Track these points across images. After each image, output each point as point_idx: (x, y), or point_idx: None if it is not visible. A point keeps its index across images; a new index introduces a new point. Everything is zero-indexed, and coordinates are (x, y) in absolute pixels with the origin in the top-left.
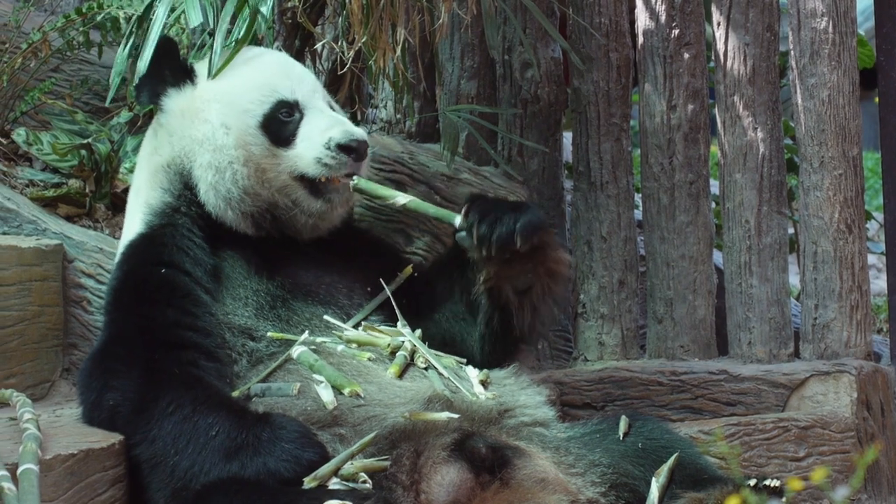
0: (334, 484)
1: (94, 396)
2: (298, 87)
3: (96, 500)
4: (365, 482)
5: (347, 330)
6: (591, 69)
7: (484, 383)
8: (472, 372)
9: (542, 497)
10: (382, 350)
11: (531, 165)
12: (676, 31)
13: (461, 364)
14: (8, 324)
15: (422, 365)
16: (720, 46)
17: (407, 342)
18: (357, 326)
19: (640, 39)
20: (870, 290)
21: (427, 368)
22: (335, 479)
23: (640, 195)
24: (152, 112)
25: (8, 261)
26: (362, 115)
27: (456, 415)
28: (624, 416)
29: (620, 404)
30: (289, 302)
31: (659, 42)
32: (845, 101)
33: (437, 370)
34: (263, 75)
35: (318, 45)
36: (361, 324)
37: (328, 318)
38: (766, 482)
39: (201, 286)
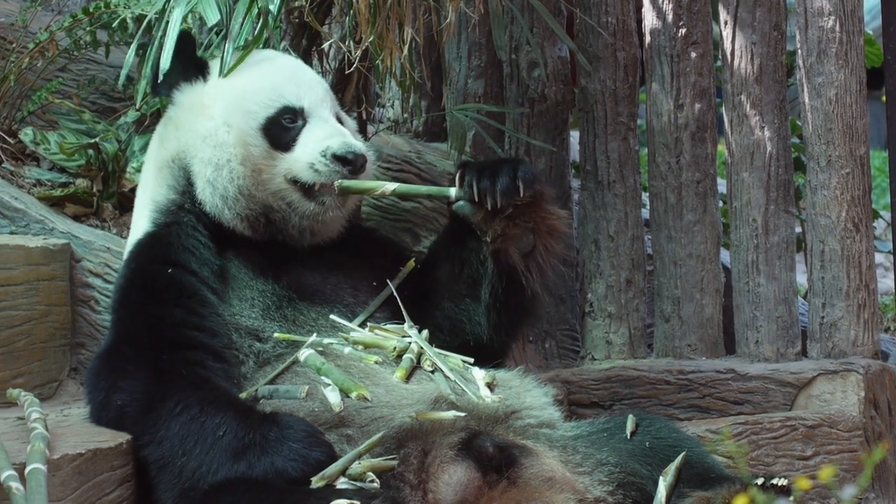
0: (342, 483)
1: (102, 396)
2: (307, 94)
3: (104, 500)
4: (373, 481)
5: (354, 330)
6: (598, 68)
7: (490, 385)
8: (479, 374)
9: (549, 496)
10: (389, 353)
11: (538, 164)
12: (683, 30)
13: (467, 365)
14: (16, 323)
15: (428, 368)
16: (727, 45)
17: (413, 344)
18: (363, 325)
19: (648, 38)
20: (877, 289)
21: (433, 371)
22: (343, 479)
23: (648, 194)
24: (159, 112)
25: (16, 260)
26: (369, 114)
27: (462, 413)
28: (631, 415)
29: (628, 403)
30: (295, 302)
31: (666, 41)
32: (852, 100)
33: (444, 372)
34: (273, 79)
35: (326, 45)
36: (367, 323)
37: (334, 317)
38: (774, 481)
39: (208, 286)
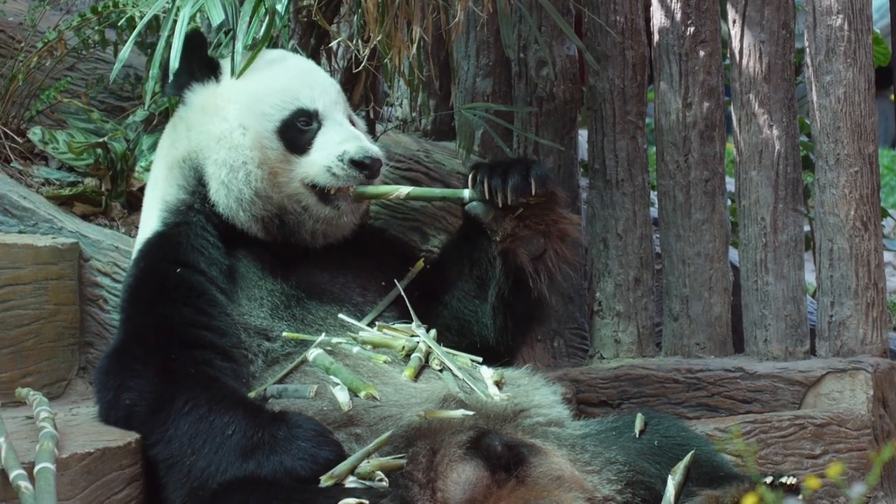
0: (351, 482)
1: (111, 395)
2: (321, 97)
3: (112, 499)
4: (381, 480)
5: (363, 330)
6: (606, 67)
7: (498, 384)
8: (487, 372)
9: (558, 494)
10: (397, 353)
11: (547, 163)
12: (692, 29)
13: (476, 364)
14: (24, 322)
15: (436, 367)
16: (735, 44)
17: (422, 343)
18: (372, 325)
19: (656, 37)
20: (885, 288)
21: (442, 370)
22: (352, 478)
23: (656, 193)
24: (168, 111)
25: (24, 259)
26: (377, 113)
27: (471, 412)
28: (640, 414)
29: (636, 402)
30: (303, 301)
31: (674, 40)
32: (861, 99)
33: (452, 371)
34: (286, 81)
35: (334, 44)
36: (376, 322)
37: (343, 316)
38: (783, 480)
39: (216, 286)
